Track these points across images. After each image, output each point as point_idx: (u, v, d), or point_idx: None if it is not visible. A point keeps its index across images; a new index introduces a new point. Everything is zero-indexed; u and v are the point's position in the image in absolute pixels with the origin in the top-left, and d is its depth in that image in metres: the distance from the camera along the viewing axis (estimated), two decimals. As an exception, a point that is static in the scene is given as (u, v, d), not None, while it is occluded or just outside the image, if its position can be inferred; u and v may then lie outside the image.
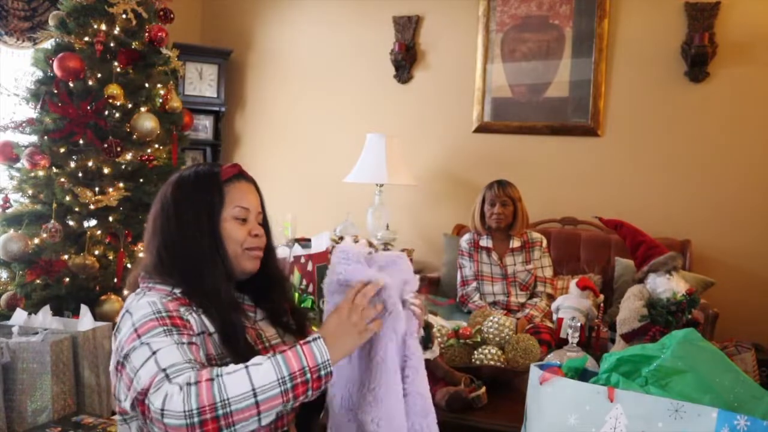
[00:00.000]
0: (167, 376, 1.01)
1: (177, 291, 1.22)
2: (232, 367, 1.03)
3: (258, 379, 1.00)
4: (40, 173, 2.82)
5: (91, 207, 2.78)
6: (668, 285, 2.08)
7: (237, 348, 1.18)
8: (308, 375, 1.03)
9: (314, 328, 2.71)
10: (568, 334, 1.96)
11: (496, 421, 1.81)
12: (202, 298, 1.21)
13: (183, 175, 1.33)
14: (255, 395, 0.99)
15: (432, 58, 4.13)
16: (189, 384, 0.98)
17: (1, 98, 3.00)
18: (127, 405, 1.09)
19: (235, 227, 1.27)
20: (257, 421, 1.01)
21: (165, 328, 1.10)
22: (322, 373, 1.05)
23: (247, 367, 1.02)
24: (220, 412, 0.97)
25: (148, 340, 1.08)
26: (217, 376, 1.00)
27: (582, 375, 1.13)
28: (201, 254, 1.24)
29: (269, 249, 1.36)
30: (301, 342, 1.08)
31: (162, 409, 0.98)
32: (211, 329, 1.20)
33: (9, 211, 2.87)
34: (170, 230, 1.26)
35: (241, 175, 1.33)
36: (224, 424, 0.98)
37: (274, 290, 1.37)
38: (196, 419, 0.96)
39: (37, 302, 2.69)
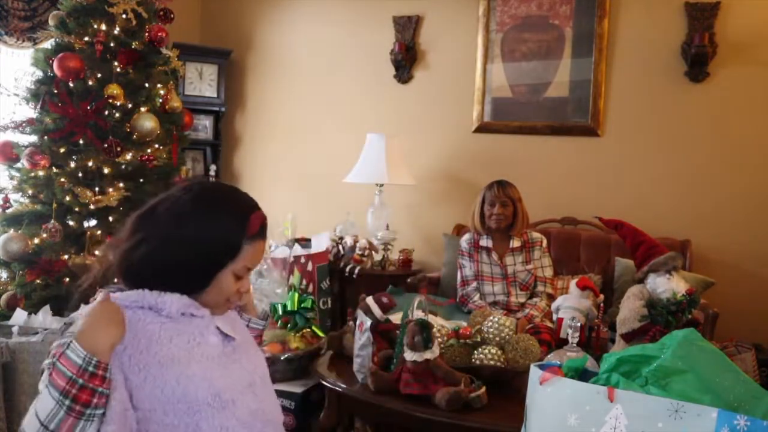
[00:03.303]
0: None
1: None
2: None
3: (42, 412, 1.01)
4: (40, 173, 2.82)
5: (91, 207, 2.79)
6: (668, 285, 2.08)
7: None
8: (79, 381, 1.02)
9: (314, 329, 2.71)
10: (568, 334, 1.96)
11: (496, 421, 1.82)
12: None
13: (209, 211, 1.21)
14: (47, 428, 1.00)
15: (432, 58, 4.13)
16: None
17: (1, 98, 3.00)
18: None
19: (231, 282, 1.22)
20: None
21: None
22: (90, 368, 1.03)
23: (35, 405, 1.03)
24: None
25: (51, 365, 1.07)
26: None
27: (582, 375, 1.13)
28: (181, 286, 1.20)
29: None
30: (58, 355, 1.05)
31: None
32: None
33: (9, 211, 2.87)
34: (164, 252, 1.19)
35: (262, 230, 1.24)
36: None
37: None
38: None
39: (37, 302, 2.69)
